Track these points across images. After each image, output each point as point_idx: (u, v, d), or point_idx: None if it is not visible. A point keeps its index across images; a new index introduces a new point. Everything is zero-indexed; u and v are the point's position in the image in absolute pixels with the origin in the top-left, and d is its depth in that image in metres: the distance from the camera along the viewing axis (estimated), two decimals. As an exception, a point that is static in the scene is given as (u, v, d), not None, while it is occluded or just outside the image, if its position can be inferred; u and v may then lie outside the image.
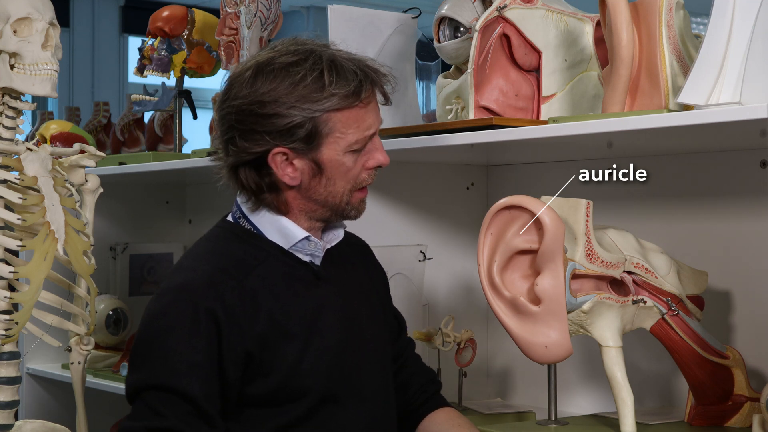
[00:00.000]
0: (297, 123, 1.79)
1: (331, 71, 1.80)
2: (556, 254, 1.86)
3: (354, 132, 1.82)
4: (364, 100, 1.83)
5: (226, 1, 2.79)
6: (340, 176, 1.84)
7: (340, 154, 1.83)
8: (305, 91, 1.79)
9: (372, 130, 1.85)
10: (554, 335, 1.88)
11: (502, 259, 1.92)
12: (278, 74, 1.80)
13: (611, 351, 1.95)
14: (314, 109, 1.79)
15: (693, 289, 2.06)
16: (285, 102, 1.79)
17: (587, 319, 1.93)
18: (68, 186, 2.17)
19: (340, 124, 1.81)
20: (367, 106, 1.84)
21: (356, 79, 1.81)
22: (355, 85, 1.81)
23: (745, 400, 2.04)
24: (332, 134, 1.81)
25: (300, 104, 1.79)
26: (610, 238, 2.00)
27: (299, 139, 1.80)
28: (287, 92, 1.79)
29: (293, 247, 1.88)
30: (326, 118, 1.80)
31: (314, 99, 1.79)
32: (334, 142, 1.82)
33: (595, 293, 1.93)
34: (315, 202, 1.86)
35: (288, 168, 1.83)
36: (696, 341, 2.01)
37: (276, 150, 1.81)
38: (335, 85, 1.79)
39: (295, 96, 1.79)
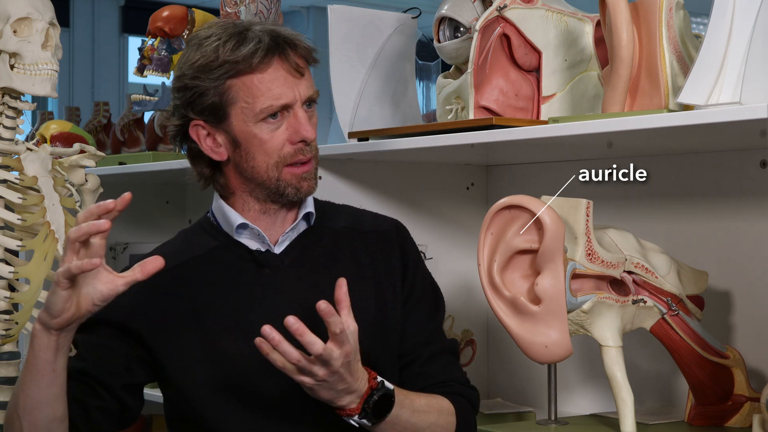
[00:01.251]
0: (200, 92, 1.81)
1: (229, 39, 1.81)
2: (557, 254, 1.86)
3: (260, 100, 1.80)
4: (261, 66, 1.80)
5: (226, 1, 2.78)
6: (256, 149, 1.82)
7: (250, 124, 1.81)
8: (205, 61, 1.80)
9: (284, 100, 1.81)
10: (554, 335, 1.88)
11: (502, 259, 1.92)
12: (192, 46, 1.84)
13: (611, 351, 1.95)
14: (212, 77, 1.80)
15: (693, 289, 2.06)
16: (188, 73, 1.82)
17: (587, 318, 1.93)
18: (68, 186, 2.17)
19: (242, 93, 1.80)
20: (266, 73, 1.80)
21: (252, 46, 1.80)
22: (249, 50, 1.79)
23: (745, 400, 2.04)
24: (237, 103, 1.81)
25: (200, 73, 1.80)
26: (610, 238, 2.00)
27: (207, 109, 1.82)
28: (191, 63, 1.82)
29: (238, 235, 1.86)
30: (227, 86, 1.80)
31: (211, 67, 1.80)
32: (241, 112, 1.81)
33: (596, 293, 1.93)
34: (246, 179, 1.85)
35: (210, 142, 1.84)
36: (696, 341, 2.01)
37: (193, 122, 1.84)
38: (230, 51, 1.79)
39: (197, 66, 1.81)
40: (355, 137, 2.41)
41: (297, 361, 1.63)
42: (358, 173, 2.51)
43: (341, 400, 1.70)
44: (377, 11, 2.59)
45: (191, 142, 1.87)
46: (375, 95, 2.55)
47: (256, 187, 1.85)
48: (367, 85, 2.53)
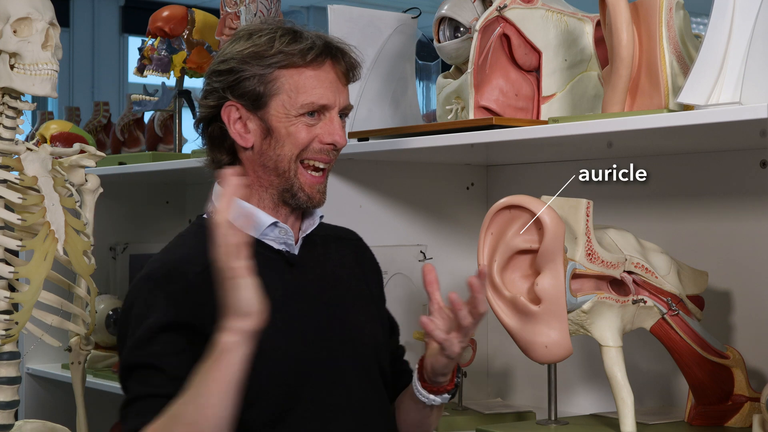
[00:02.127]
0: (246, 77, 1.85)
1: (285, 34, 1.86)
2: (557, 254, 1.86)
3: (303, 95, 1.84)
4: (313, 63, 1.85)
5: (226, 1, 2.79)
6: (288, 139, 1.85)
7: (289, 116, 1.85)
8: (257, 49, 1.85)
9: (324, 100, 1.86)
10: (554, 335, 1.88)
11: (502, 259, 1.92)
12: (241, 38, 1.89)
13: (611, 351, 1.95)
14: (263, 65, 1.85)
15: (693, 289, 2.06)
16: (237, 58, 1.86)
17: (587, 318, 1.93)
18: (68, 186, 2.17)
19: (288, 85, 1.84)
20: (317, 71, 1.85)
21: (309, 42, 1.86)
22: (305, 46, 1.85)
23: (745, 400, 2.04)
24: (280, 94, 1.85)
25: (250, 59, 1.85)
26: (610, 238, 2.00)
27: (248, 95, 1.85)
28: (241, 50, 1.86)
29: (263, 235, 1.87)
30: (275, 76, 1.85)
31: (263, 55, 1.85)
32: (282, 102, 1.85)
33: (596, 293, 1.93)
34: (267, 170, 1.87)
35: (240, 126, 1.87)
36: (696, 341, 2.01)
37: (228, 103, 1.86)
38: (286, 44, 1.85)
39: (248, 53, 1.86)
40: (355, 137, 2.41)
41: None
42: (358, 173, 2.51)
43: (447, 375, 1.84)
44: (377, 11, 2.59)
45: (218, 125, 1.89)
46: (375, 95, 2.55)
47: (274, 179, 1.87)
48: (367, 85, 2.53)
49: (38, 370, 3.32)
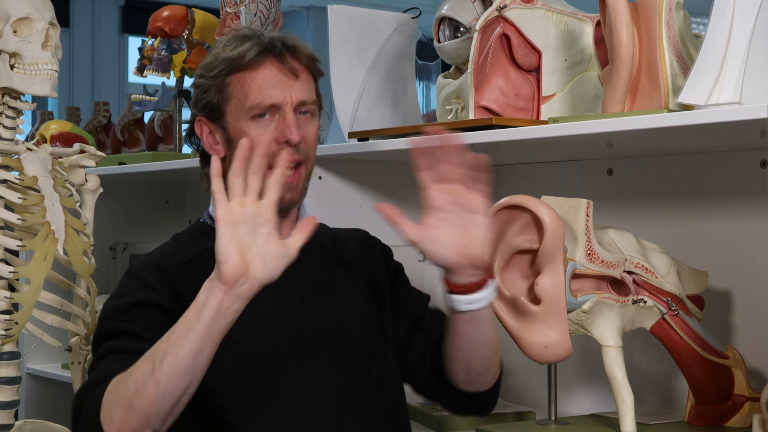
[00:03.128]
0: (203, 90, 1.91)
1: (231, 41, 1.91)
2: (557, 254, 1.86)
3: (250, 97, 1.86)
4: (253, 65, 1.87)
5: (226, 1, 2.78)
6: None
7: (242, 121, 1.86)
8: (208, 60, 1.92)
9: (273, 99, 1.85)
10: (554, 335, 1.88)
11: (502, 259, 1.92)
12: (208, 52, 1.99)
13: (611, 351, 1.95)
14: (212, 75, 1.89)
15: (693, 289, 2.06)
16: (198, 73, 1.94)
17: (587, 318, 1.93)
18: (68, 186, 2.17)
19: (235, 90, 1.87)
20: (258, 71, 1.86)
21: (248, 44, 1.88)
22: (246, 48, 1.88)
23: (745, 400, 2.04)
24: (231, 101, 1.88)
25: (204, 72, 1.91)
26: (610, 238, 2.00)
27: (207, 106, 1.90)
28: (201, 65, 1.94)
29: None
30: (224, 84, 1.88)
31: (211, 67, 1.90)
32: (234, 109, 1.88)
33: (596, 293, 1.93)
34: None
35: (211, 139, 1.92)
36: (696, 341, 2.01)
37: (198, 118, 1.93)
38: (229, 51, 1.89)
39: (203, 66, 1.92)
40: (355, 137, 2.41)
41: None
42: (358, 173, 2.51)
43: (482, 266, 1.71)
44: (377, 11, 2.59)
45: (197, 139, 1.96)
46: (375, 95, 2.55)
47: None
48: (367, 85, 2.53)
49: (38, 370, 3.32)
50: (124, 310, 1.79)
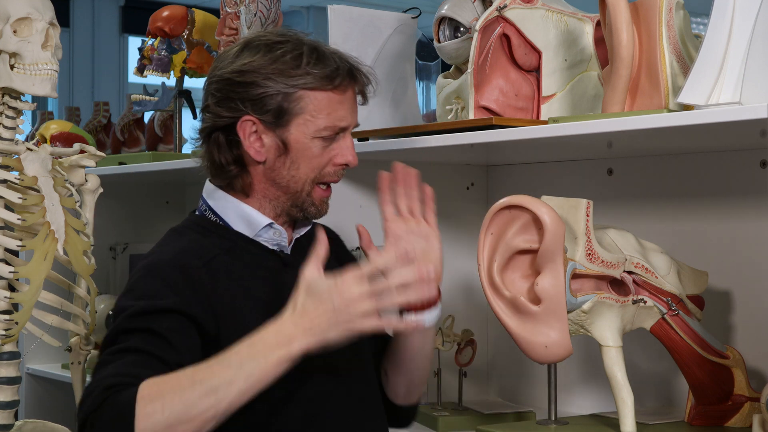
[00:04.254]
0: (270, 94, 1.83)
1: (311, 53, 1.85)
2: (557, 254, 1.86)
3: (325, 118, 1.84)
4: (339, 87, 1.85)
5: (226, 1, 2.78)
6: (304, 161, 1.86)
7: (308, 137, 1.85)
8: (283, 66, 1.83)
9: (344, 123, 1.87)
10: (554, 335, 1.88)
11: (502, 259, 1.92)
12: (261, 49, 1.86)
13: (611, 351, 1.95)
14: (289, 84, 1.83)
15: (693, 289, 2.06)
16: (262, 73, 1.83)
17: (587, 318, 1.93)
18: (68, 186, 2.17)
19: (311, 106, 1.84)
20: (342, 95, 1.86)
21: (334, 65, 1.85)
22: (332, 70, 1.85)
23: (745, 400, 2.04)
24: (303, 114, 1.84)
25: (276, 76, 1.83)
26: (610, 238, 2.00)
27: (270, 111, 1.84)
28: (265, 64, 1.84)
29: (258, 235, 1.88)
30: (299, 95, 1.83)
31: (290, 74, 1.83)
32: (303, 123, 1.84)
33: (596, 293, 1.93)
34: (278, 187, 1.87)
35: (255, 141, 1.85)
36: (696, 341, 2.01)
37: (246, 117, 1.84)
38: (312, 65, 1.84)
39: (273, 69, 1.83)
40: (355, 137, 2.41)
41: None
42: (358, 173, 2.51)
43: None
44: (377, 11, 2.59)
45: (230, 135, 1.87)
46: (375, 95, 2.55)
47: (281, 194, 1.88)
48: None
49: (38, 370, 3.32)
50: (152, 312, 1.72)
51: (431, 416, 2.35)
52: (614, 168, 2.43)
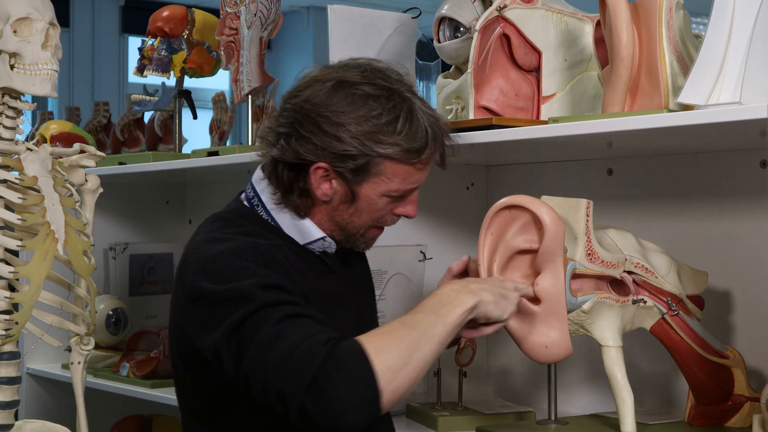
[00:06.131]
0: (352, 154, 1.81)
1: (406, 120, 1.82)
2: (557, 254, 1.86)
3: (399, 182, 1.86)
4: (423, 161, 1.86)
5: (226, 1, 2.79)
6: (368, 212, 1.88)
7: (378, 195, 1.86)
8: (374, 128, 1.80)
9: (417, 185, 1.89)
10: (554, 335, 1.88)
11: (502, 259, 1.92)
12: (357, 100, 1.81)
13: (611, 351, 1.95)
14: (374, 150, 1.81)
15: (693, 289, 2.06)
16: (351, 130, 1.80)
17: (587, 318, 1.93)
18: (68, 186, 2.16)
19: (390, 171, 1.84)
20: (424, 167, 1.88)
21: (425, 139, 1.83)
22: (421, 144, 1.83)
23: (745, 400, 2.04)
24: (379, 176, 1.84)
25: (363, 138, 1.80)
26: (610, 238, 2.00)
27: (348, 169, 1.82)
28: (356, 122, 1.80)
29: (307, 244, 1.92)
30: (381, 161, 1.82)
31: (378, 140, 1.81)
32: (377, 183, 1.85)
33: (596, 293, 1.93)
34: (335, 223, 1.90)
35: (325, 184, 1.85)
36: (696, 341, 2.01)
37: (321, 164, 1.83)
38: (404, 135, 1.81)
39: (363, 129, 1.80)
40: (355, 137, 2.41)
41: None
42: (358, 173, 2.51)
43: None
44: (377, 11, 2.59)
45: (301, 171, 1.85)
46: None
47: (336, 229, 1.91)
48: (367, 85, 2.53)
49: (38, 370, 3.32)
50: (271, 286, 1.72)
51: (431, 416, 2.35)
52: (614, 168, 2.43)
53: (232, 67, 2.79)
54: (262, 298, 1.70)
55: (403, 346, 1.64)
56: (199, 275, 1.80)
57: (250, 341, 1.67)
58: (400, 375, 1.63)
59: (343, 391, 1.59)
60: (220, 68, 3.16)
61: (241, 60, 2.75)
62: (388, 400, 1.62)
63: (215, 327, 1.74)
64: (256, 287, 1.71)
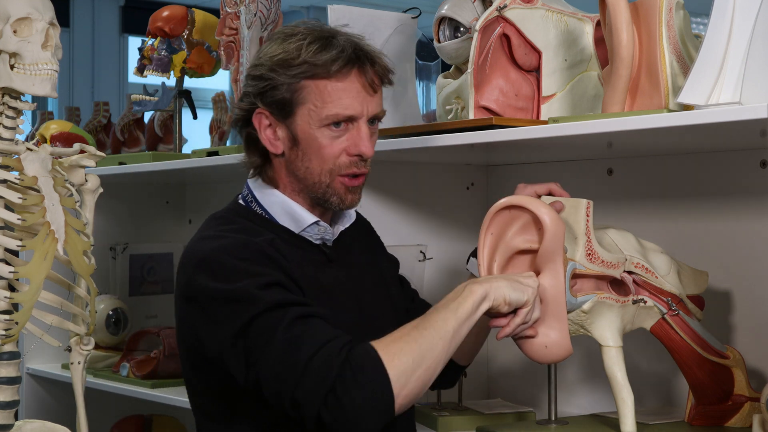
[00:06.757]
0: (273, 86, 1.85)
1: (314, 42, 1.84)
2: (557, 254, 1.86)
3: (329, 107, 1.84)
4: (338, 74, 1.84)
5: (226, 1, 2.78)
6: (314, 152, 1.86)
7: (314, 127, 1.85)
8: (285, 56, 1.85)
9: (350, 111, 1.85)
10: (554, 335, 1.88)
11: (502, 259, 1.92)
12: (275, 40, 1.88)
13: (611, 351, 1.95)
14: (289, 74, 1.84)
15: (693, 288, 2.06)
16: (267, 65, 1.86)
17: (587, 318, 1.93)
18: (68, 186, 2.16)
19: (313, 95, 1.84)
20: (342, 82, 1.84)
21: (335, 52, 1.84)
22: (332, 57, 1.83)
23: (745, 400, 2.04)
24: (306, 105, 1.85)
25: (278, 68, 1.84)
26: (610, 238, 2.00)
27: (275, 103, 1.85)
28: (272, 55, 1.86)
29: (303, 231, 1.91)
30: (301, 86, 1.84)
31: (290, 64, 1.84)
32: (307, 113, 1.85)
33: (596, 293, 1.93)
34: (296, 178, 1.90)
35: (268, 131, 1.88)
36: (696, 341, 2.01)
37: (258, 110, 1.88)
38: (312, 53, 1.83)
39: (277, 60, 1.85)
40: (355, 137, 2.41)
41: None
42: (358, 173, 2.51)
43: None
44: (377, 11, 2.59)
45: (251, 129, 1.91)
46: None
47: (304, 188, 1.90)
48: (367, 85, 2.53)
49: (38, 370, 3.32)
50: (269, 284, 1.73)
51: (431, 416, 2.35)
52: (614, 168, 2.43)
53: (232, 67, 2.79)
54: (265, 299, 1.70)
55: (416, 348, 1.67)
56: (194, 273, 1.82)
57: (259, 345, 1.69)
58: (413, 378, 1.66)
59: (360, 400, 1.61)
60: (220, 68, 3.16)
61: (241, 60, 2.75)
62: (401, 405, 1.65)
63: (216, 326, 1.75)
64: (254, 287, 1.72)
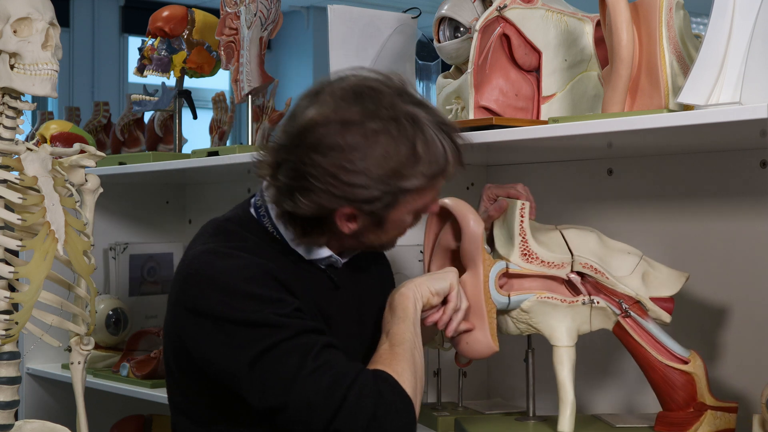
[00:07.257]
0: (378, 197, 1.74)
1: (423, 145, 1.74)
2: (475, 254, 1.92)
3: (427, 200, 1.83)
4: (445, 175, 1.81)
5: (226, 1, 2.79)
6: (395, 230, 1.86)
7: (405, 215, 1.82)
8: (395, 166, 1.72)
9: (439, 192, 1.86)
10: (475, 332, 1.93)
11: (437, 258, 2.03)
12: (367, 142, 1.71)
13: (559, 350, 1.99)
14: (400, 186, 1.74)
15: (663, 290, 2.02)
16: (372, 175, 1.72)
17: (532, 317, 1.97)
18: (68, 186, 2.16)
19: (417, 195, 1.79)
20: (445, 177, 1.82)
21: (445, 157, 1.77)
22: (442, 165, 1.77)
23: (706, 408, 1.98)
24: (407, 203, 1.79)
25: (387, 179, 1.72)
26: (562, 238, 2.01)
27: (376, 208, 1.76)
28: (376, 164, 1.71)
29: (313, 258, 1.90)
30: (401, 198, 1.77)
31: (402, 176, 1.73)
32: (405, 207, 1.80)
33: (535, 292, 1.95)
34: (358, 242, 1.87)
35: (351, 224, 1.80)
36: (650, 344, 1.97)
37: (346, 209, 1.77)
38: (426, 163, 1.74)
39: (384, 170, 1.72)
40: (355, 137, 2.41)
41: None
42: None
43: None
44: (377, 11, 2.59)
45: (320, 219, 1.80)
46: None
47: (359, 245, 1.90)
48: (367, 85, 2.53)
49: (38, 370, 3.32)
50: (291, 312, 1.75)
51: (431, 416, 2.35)
52: (614, 168, 2.43)
53: (232, 67, 2.79)
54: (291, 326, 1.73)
55: (410, 364, 1.79)
56: (207, 289, 1.78)
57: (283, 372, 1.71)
58: (418, 392, 1.78)
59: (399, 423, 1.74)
60: (220, 68, 3.16)
61: (241, 60, 2.75)
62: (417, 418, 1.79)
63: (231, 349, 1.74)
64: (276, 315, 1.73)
